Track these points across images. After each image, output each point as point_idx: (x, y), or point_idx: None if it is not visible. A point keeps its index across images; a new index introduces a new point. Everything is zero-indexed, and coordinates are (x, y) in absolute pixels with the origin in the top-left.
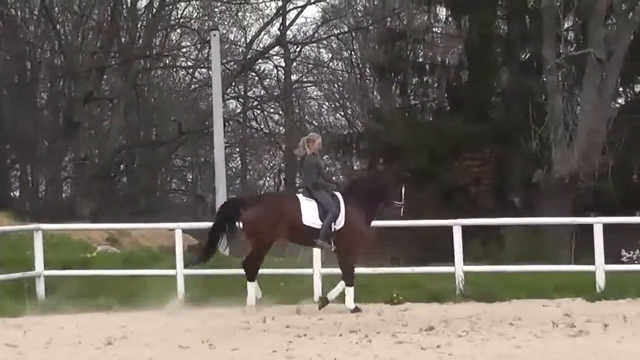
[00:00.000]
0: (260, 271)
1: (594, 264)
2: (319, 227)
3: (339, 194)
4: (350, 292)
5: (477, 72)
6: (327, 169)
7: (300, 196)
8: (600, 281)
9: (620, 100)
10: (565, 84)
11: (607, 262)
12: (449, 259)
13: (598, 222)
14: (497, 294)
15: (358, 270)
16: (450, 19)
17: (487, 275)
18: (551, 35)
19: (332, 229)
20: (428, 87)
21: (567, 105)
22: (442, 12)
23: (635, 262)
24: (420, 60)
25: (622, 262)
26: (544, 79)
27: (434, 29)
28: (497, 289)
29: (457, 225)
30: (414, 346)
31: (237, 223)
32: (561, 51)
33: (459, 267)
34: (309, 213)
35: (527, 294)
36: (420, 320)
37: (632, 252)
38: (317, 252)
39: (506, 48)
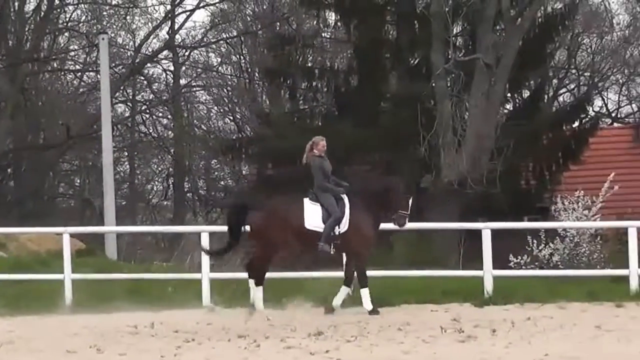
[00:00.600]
0: (149, 276)
1: (482, 269)
2: (322, 230)
3: (345, 197)
4: (365, 294)
5: (366, 77)
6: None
7: (306, 200)
8: (489, 286)
9: (509, 106)
10: (454, 89)
11: (495, 267)
12: (339, 265)
13: (486, 228)
14: (386, 299)
15: (245, 275)
16: (339, 23)
17: (376, 280)
18: (440, 41)
19: (336, 233)
20: (317, 91)
21: (455, 110)
22: (331, 16)
23: (523, 267)
24: (309, 64)
25: (510, 268)
26: (433, 84)
27: (323, 34)
28: (386, 294)
29: None
30: (303, 351)
31: (243, 227)
32: (450, 56)
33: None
34: (313, 216)
35: (416, 299)
36: (309, 325)
37: (519, 257)
38: (205, 258)
39: (395, 53)
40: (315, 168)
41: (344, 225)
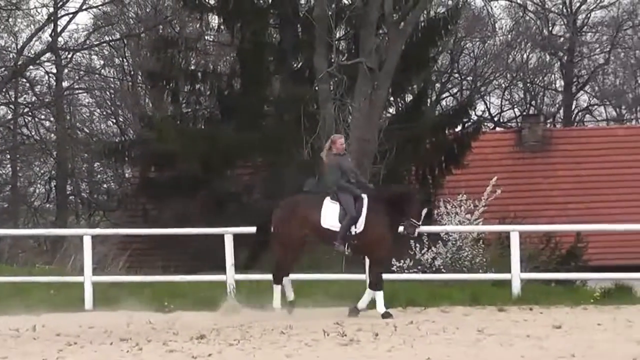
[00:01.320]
0: (31, 279)
1: (364, 272)
2: (338, 229)
3: (365, 197)
4: (379, 297)
5: (249, 81)
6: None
7: (327, 198)
8: None
9: (392, 110)
10: (336, 93)
11: None
12: (221, 268)
13: None
14: (269, 303)
15: (127, 278)
16: (222, 26)
17: (258, 284)
18: (323, 45)
19: (352, 232)
20: (200, 95)
21: (338, 114)
22: (215, 20)
23: (406, 271)
24: (192, 68)
25: (393, 271)
26: (316, 88)
27: (206, 37)
28: (269, 297)
29: (228, 233)
30: (185, 355)
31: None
32: (333, 60)
33: (230, 276)
34: (329, 215)
35: (301, 302)
36: (192, 328)
37: (402, 261)
38: (88, 260)
39: (278, 56)
40: (331, 167)
41: (360, 226)
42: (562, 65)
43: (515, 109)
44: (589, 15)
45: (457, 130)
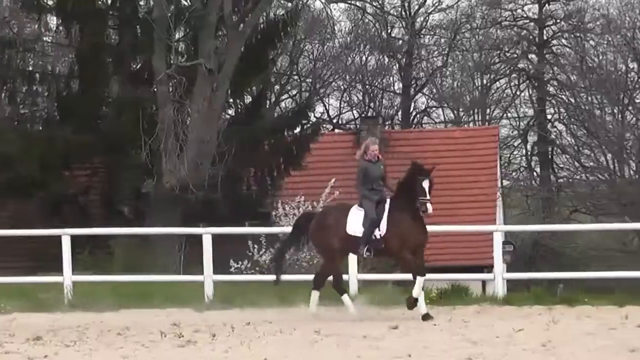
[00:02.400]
0: None
1: (202, 274)
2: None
3: (388, 200)
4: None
5: (88, 82)
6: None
7: (355, 206)
8: (209, 291)
9: (231, 111)
10: (175, 95)
11: (216, 272)
12: (58, 269)
13: (207, 233)
14: (106, 304)
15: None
16: (61, 27)
17: (96, 285)
18: (162, 46)
19: (377, 237)
20: (38, 96)
21: (177, 115)
22: (53, 20)
23: (244, 272)
24: (30, 69)
25: (231, 273)
26: (155, 89)
27: (44, 38)
28: (106, 298)
29: (65, 235)
30: (21, 356)
31: (305, 236)
32: (172, 62)
33: (68, 277)
34: (354, 222)
35: (137, 303)
36: (28, 330)
37: (240, 262)
38: None
39: (117, 58)
40: (358, 173)
41: (382, 229)
42: (401, 67)
43: (354, 111)
44: (427, 18)
45: (296, 132)
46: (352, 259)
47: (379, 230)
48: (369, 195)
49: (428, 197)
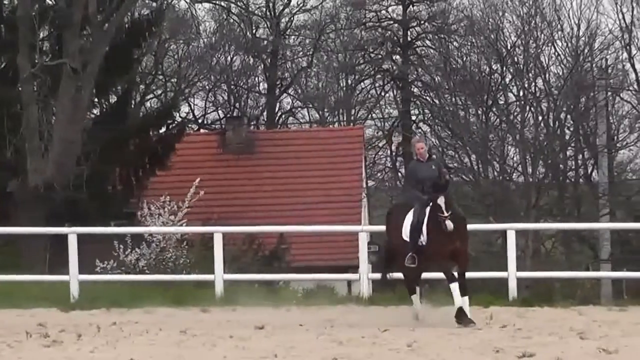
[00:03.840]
0: None
1: (68, 273)
2: None
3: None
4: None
5: None
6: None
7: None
8: (75, 291)
9: (96, 111)
10: (40, 94)
11: (81, 272)
12: None
13: (72, 232)
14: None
15: None
16: None
17: None
18: (27, 45)
19: (421, 244)
20: None
21: (42, 115)
22: None
23: (110, 272)
24: None
25: (97, 272)
26: (20, 89)
27: None
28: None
29: None
30: None
31: None
32: (37, 61)
33: None
34: (407, 226)
35: (2, 303)
36: None
37: (106, 262)
38: None
39: None
40: (407, 172)
41: (424, 236)
42: (266, 67)
43: (219, 111)
44: (292, 18)
45: (161, 131)
46: (218, 262)
47: (422, 236)
48: (418, 197)
49: (445, 214)
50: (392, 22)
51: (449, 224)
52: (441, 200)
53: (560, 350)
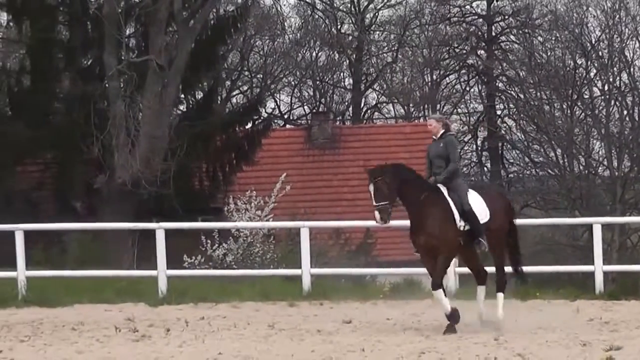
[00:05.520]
0: None
1: (156, 269)
2: None
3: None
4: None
5: (39, 77)
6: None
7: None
8: (163, 286)
9: (182, 107)
10: (127, 91)
11: (169, 267)
12: (10, 264)
13: (160, 228)
14: (60, 299)
15: None
16: (11, 23)
17: (50, 280)
18: (113, 42)
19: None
20: None
21: (129, 111)
22: (3, 16)
23: (197, 267)
24: None
25: (184, 267)
26: (106, 85)
27: None
28: (60, 294)
29: (19, 230)
30: None
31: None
32: (123, 57)
33: (21, 272)
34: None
35: (90, 298)
36: None
37: (194, 257)
38: None
39: (68, 54)
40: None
41: None
42: (351, 63)
43: (305, 107)
44: (376, 14)
45: (247, 127)
46: (305, 257)
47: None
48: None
49: (374, 203)
50: (476, 17)
51: (376, 216)
52: (370, 188)
53: None
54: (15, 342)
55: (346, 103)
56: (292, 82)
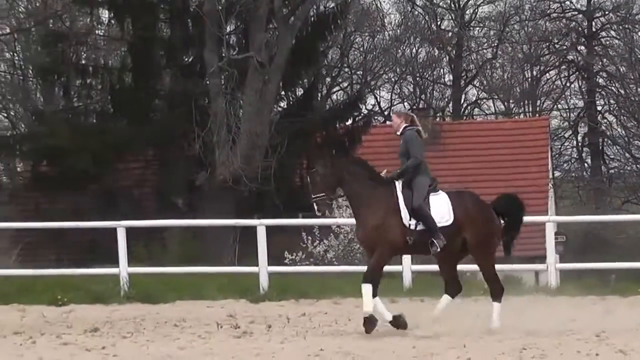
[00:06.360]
0: None
1: (257, 265)
2: None
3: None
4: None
5: (140, 75)
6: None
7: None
8: (264, 282)
9: (282, 104)
10: (227, 87)
11: (270, 263)
12: (112, 261)
13: (261, 224)
14: (161, 296)
15: (19, 272)
16: (112, 21)
17: (151, 277)
18: (214, 39)
19: None
20: (91, 89)
21: (229, 108)
22: (105, 14)
23: (298, 263)
24: (83, 62)
25: (285, 264)
26: (207, 82)
27: (96, 31)
28: (161, 290)
29: (121, 227)
30: (79, 348)
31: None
32: (223, 55)
33: (124, 269)
34: None
35: (191, 295)
36: (85, 321)
37: (295, 253)
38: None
39: (169, 51)
40: None
41: None
42: (451, 59)
43: (405, 103)
44: (476, 10)
45: (347, 124)
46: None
47: None
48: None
49: (312, 195)
50: (576, 12)
51: (315, 208)
52: (307, 179)
53: None
54: (117, 339)
55: (446, 99)
56: (392, 79)
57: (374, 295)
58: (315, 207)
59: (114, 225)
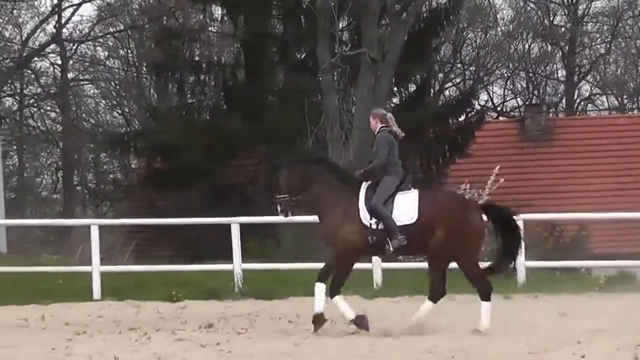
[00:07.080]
0: (39, 269)
1: (371, 262)
2: None
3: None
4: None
5: (253, 71)
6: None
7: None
8: (378, 279)
9: (395, 100)
10: (340, 84)
11: (384, 260)
12: (225, 257)
13: None
14: (275, 292)
15: (134, 268)
16: (225, 18)
17: (265, 273)
18: (326, 35)
19: None
20: (205, 85)
21: (342, 104)
22: (218, 11)
23: (412, 259)
24: (196, 59)
25: (399, 260)
26: (320, 79)
27: (209, 28)
28: (275, 286)
29: (235, 223)
30: (193, 343)
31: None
32: (336, 51)
33: (238, 265)
34: None
35: (305, 291)
36: (199, 317)
37: None
38: (96, 250)
39: (281, 47)
40: None
41: None
42: (564, 55)
43: (518, 99)
44: (589, 5)
45: (460, 120)
46: None
47: None
48: None
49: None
50: None
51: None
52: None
53: None
54: (232, 335)
55: (559, 95)
56: (505, 74)
57: (333, 295)
58: (278, 208)
59: (228, 222)
